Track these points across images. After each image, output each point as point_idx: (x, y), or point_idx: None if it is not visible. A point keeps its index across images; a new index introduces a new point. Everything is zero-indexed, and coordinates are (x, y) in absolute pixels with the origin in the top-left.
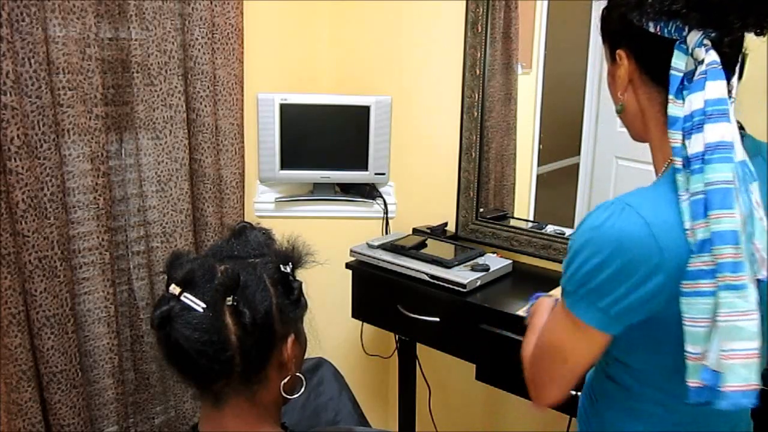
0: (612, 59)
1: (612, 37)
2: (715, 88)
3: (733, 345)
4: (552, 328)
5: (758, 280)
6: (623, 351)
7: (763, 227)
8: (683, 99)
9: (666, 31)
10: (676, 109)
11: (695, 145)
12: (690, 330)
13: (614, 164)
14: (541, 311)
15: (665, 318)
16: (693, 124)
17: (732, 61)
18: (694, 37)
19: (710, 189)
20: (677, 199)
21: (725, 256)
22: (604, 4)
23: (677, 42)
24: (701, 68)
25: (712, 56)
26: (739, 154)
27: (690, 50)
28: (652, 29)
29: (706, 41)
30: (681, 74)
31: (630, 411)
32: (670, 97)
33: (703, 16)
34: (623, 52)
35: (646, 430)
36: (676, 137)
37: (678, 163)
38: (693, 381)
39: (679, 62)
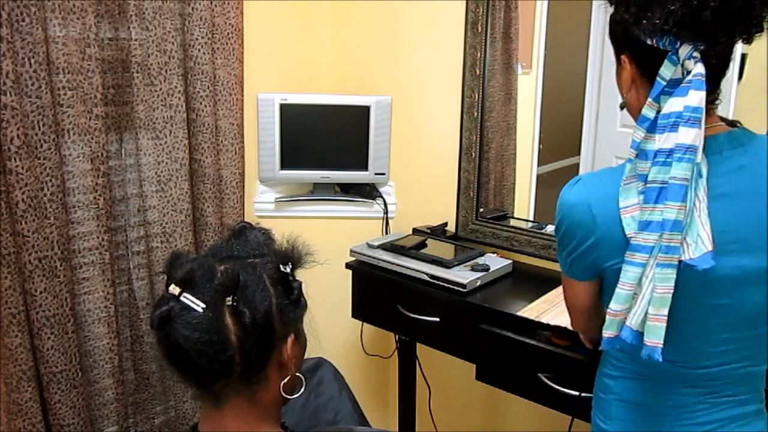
0: (618, 61)
1: (617, 43)
2: (696, 96)
3: (659, 311)
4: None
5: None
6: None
7: (697, 221)
8: (659, 103)
9: (660, 44)
10: (649, 111)
11: (666, 141)
12: (618, 291)
13: (614, 164)
14: None
15: (611, 277)
16: (667, 123)
17: (718, 71)
18: (685, 50)
19: (672, 182)
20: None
21: (673, 241)
22: (603, 5)
23: (669, 53)
24: (688, 77)
25: (699, 68)
26: (699, 156)
27: (681, 61)
28: (648, 42)
29: (695, 53)
30: (664, 83)
31: (610, 358)
32: (649, 100)
33: (692, 33)
34: (626, 57)
35: (617, 375)
36: (639, 133)
37: (632, 154)
38: (608, 332)
39: (666, 71)
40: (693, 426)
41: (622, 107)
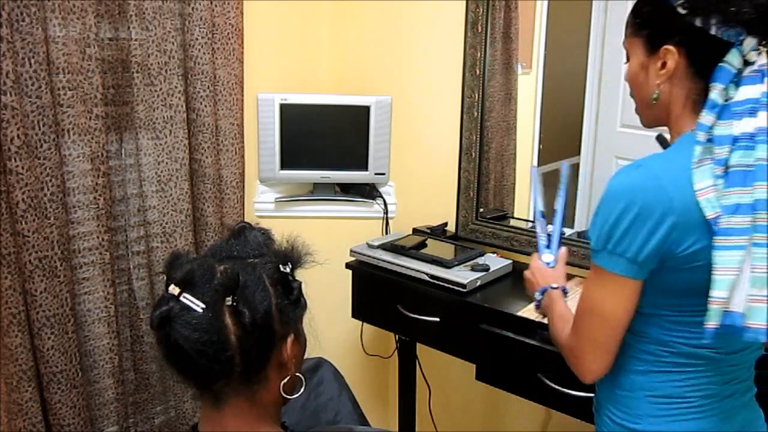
0: (651, 53)
1: (659, 33)
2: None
3: (759, 291)
4: (587, 294)
5: None
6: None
7: None
8: (726, 89)
9: (726, 34)
10: (719, 97)
11: (746, 126)
12: (718, 278)
13: (614, 164)
14: (556, 300)
15: (679, 263)
16: (744, 110)
17: None
18: (750, 42)
19: (759, 164)
20: (690, 163)
21: (764, 219)
22: (603, 4)
23: (735, 44)
24: (753, 67)
25: (764, 59)
26: None
27: (745, 52)
28: (713, 32)
29: (760, 46)
30: (735, 70)
31: (637, 353)
32: (719, 86)
33: (766, 27)
34: (675, 48)
35: (647, 370)
36: (709, 117)
37: (701, 136)
38: (711, 323)
39: (734, 60)
40: (720, 414)
41: (654, 100)
